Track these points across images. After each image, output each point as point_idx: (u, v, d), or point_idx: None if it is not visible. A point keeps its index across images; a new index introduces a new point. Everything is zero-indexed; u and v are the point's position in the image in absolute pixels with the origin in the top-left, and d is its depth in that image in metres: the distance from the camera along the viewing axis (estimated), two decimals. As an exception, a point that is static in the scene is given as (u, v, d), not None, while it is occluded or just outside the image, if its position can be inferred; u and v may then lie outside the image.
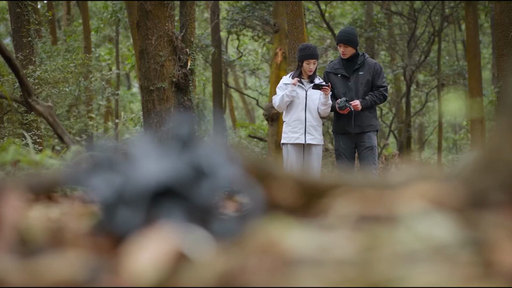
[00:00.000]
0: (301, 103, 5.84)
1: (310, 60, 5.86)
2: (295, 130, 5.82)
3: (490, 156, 0.92)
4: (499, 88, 7.47)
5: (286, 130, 5.90)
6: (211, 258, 0.76)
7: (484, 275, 0.67)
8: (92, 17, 18.35)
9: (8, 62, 4.88)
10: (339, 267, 0.70)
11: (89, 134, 12.89)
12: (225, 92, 17.68)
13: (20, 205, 0.92)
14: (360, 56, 5.94)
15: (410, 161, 12.03)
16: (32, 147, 2.81)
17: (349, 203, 0.94)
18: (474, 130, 10.98)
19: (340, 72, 5.93)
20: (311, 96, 5.85)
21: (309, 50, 5.93)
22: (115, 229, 0.87)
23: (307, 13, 13.90)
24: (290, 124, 5.86)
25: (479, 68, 11.82)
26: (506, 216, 0.83)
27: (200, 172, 0.91)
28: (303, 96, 5.85)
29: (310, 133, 5.82)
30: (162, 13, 7.18)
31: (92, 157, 0.96)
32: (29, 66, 8.41)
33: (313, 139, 5.82)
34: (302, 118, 5.82)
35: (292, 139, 5.81)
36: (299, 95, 5.85)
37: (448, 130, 21.56)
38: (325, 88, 5.67)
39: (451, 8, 13.94)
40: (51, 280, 0.71)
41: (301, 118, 5.82)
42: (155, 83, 7.15)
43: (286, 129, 5.90)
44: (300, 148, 5.85)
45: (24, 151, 2.19)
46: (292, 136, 5.82)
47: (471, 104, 11.33)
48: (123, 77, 22.37)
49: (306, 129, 5.81)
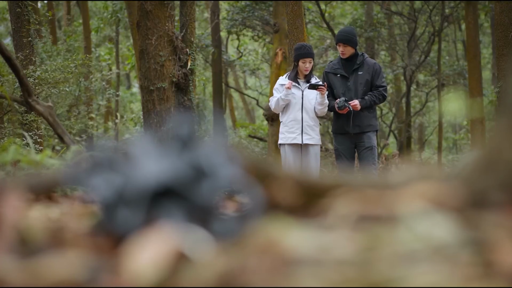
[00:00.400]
0: (297, 103, 5.83)
1: (305, 59, 5.85)
2: (292, 131, 5.81)
3: (490, 156, 0.92)
4: (499, 88, 7.47)
5: (283, 130, 5.90)
6: (211, 258, 0.76)
7: (484, 275, 0.67)
8: (92, 17, 18.36)
9: (8, 62, 4.88)
10: (339, 267, 0.70)
11: (89, 134, 12.89)
12: (225, 92, 17.68)
13: (20, 205, 0.92)
14: (359, 56, 5.92)
15: (410, 161, 12.04)
16: (33, 147, 2.81)
17: (349, 203, 0.94)
18: (474, 130, 10.98)
19: (339, 72, 5.91)
20: (307, 96, 5.84)
21: (304, 49, 5.93)
22: (115, 229, 0.87)
23: (307, 13, 13.90)
24: (287, 125, 5.86)
25: (479, 68, 11.82)
26: (506, 216, 0.83)
27: (200, 172, 0.91)
28: (300, 96, 5.84)
29: (307, 133, 5.81)
30: (162, 13, 7.18)
31: (92, 157, 0.96)
32: (29, 66, 8.41)
33: (310, 139, 5.82)
34: (298, 118, 5.81)
35: (289, 139, 5.81)
36: (295, 95, 5.84)
37: (448, 130, 21.56)
38: (321, 88, 5.66)
39: (451, 8, 13.94)
40: (51, 280, 0.71)
41: (297, 118, 5.82)
42: (155, 83, 7.15)
43: (283, 130, 5.90)
44: (298, 148, 5.84)
45: (24, 151, 2.19)
46: (289, 137, 5.81)
47: (471, 104, 11.33)
48: (123, 77, 22.37)
49: (303, 129, 5.80)
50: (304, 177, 1.05)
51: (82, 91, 11.68)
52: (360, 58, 5.91)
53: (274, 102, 5.85)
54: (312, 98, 5.84)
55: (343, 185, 1.02)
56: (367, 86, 5.87)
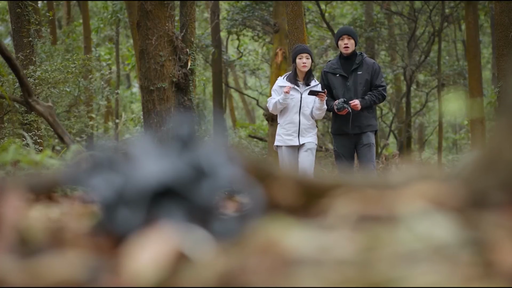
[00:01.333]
0: (295, 106, 5.80)
1: (302, 54, 5.79)
2: (289, 133, 5.79)
3: (490, 156, 0.92)
4: (499, 88, 7.47)
5: (280, 132, 5.87)
6: (211, 258, 0.76)
7: (484, 275, 0.67)
8: (92, 17, 18.36)
9: (8, 62, 4.88)
10: (339, 267, 0.70)
11: (89, 134, 12.89)
12: (225, 92, 17.68)
13: (20, 205, 0.92)
14: (358, 56, 5.89)
15: (410, 161, 12.03)
16: (33, 147, 2.81)
17: (349, 203, 0.94)
18: (474, 130, 10.98)
19: (338, 72, 5.87)
20: (305, 99, 5.79)
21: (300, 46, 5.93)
22: (115, 229, 0.87)
23: (307, 13, 13.90)
24: (284, 127, 5.83)
25: (479, 68, 11.82)
26: (506, 216, 0.83)
27: (200, 172, 0.91)
28: (298, 99, 5.79)
29: (303, 136, 5.79)
30: (162, 13, 7.18)
31: (92, 157, 0.96)
32: (30, 66, 8.41)
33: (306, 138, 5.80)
34: (296, 121, 5.79)
35: (286, 141, 5.79)
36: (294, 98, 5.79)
37: (448, 130, 21.56)
38: (321, 95, 5.62)
39: (451, 8, 13.94)
40: (51, 280, 0.71)
41: (295, 121, 5.79)
42: (155, 83, 7.15)
43: (280, 131, 5.87)
44: (295, 150, 5.82)
45: (24, 151, 2.19)
46: (286, 139, 5.79)
47: (471, 104, 11.33)
48: (123, 77, 22.38)
49: (299, 132, 5.78)
50: (304, 177, 1.05)
51: (82, 91, 11.67)
52: (359, 58, 5.87)
53: (272, 105, 5.81)
54: (310, 101, 5.80)
55: (343, 185, 1.02)
56: (367, 85, 5.84)
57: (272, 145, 6.24)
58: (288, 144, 5.77)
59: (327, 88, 5.87)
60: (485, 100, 11.92)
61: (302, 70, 5.81)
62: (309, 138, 5.80)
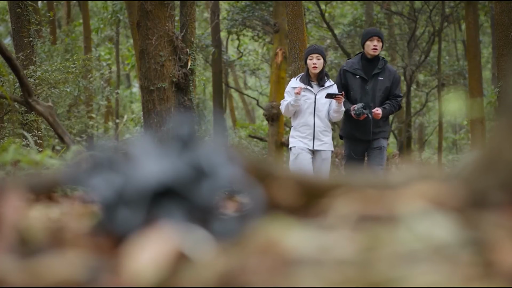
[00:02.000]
0: (309, 107, 5.59)
1: (312, 54, 5.59)
2: (304, 136, 5.59)
3: (490, 156, 0.92)
4: (499, 88, 7.47)
5: (294, 134, 5.66)
6: (211, 258, 0.76)
7: (484, 275, 0.67)
8: (92, 17, 18.36)
9: (8, 62, 4.88)
10: (339, 267, 0.70)
11: (89, 134, 12.89)
12: (225, 92, 17.68)
13: (20, 205, 0.92)
14: (381, 61, 5.68)
15: (410, 161, 12.03)
16: (34, 147, 2.81)
17: (349, 203, 0.94)
18: (474, 130, 10.98)
19: (359, 73, 5.63)
20: (320, 100, 5.58)
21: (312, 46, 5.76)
22: (115, 229, 0.87)
23: (307, 13, 13.90)
24: (298, 129, 5.63)
25: (479, 68, 11.82)
26: (506, 216, 0.83)
27: (200, 172, 0.91)
28: (312, 100, 5.59)
29: (318, 139, 5.58)
30: (162, 13, 7.18)
31: (92, 157, 0.96)
32: (30, 66, 8.41)
33: (322, 144, 5.60)
34: (310, 123, 5.58)
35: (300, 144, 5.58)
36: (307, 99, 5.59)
37: (448, 130, 21.56)
38: (339, 97, 5.41)
39: (451, 8, 13.94)
40: (51, 280, 0.71)
41: (309, 123, 5.58)
42: (156, 83, 7.15)
43: (294, 134, 5.67)
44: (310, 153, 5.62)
45: (24, 151, 2.19)
46: (301, 141, 5.59)
47: (471, 104, 11.33)
48: (123, 77, 22.38)
49: (314, 134, 5.58)
50: (304, 177, 1.05)
51: (82, 91, 11.67)
52: (381, 63, 5.66)
53: (284, 106, 5.61)
54: (325, 102, 5.59)
55: (343, 185, 1.02)
56: (386, 93, 5.64)
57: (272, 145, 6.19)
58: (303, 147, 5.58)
59: (344, 87, 5.66)
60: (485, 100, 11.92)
61: (313, 71, 5.62)
62: (325, 145, 5.61)
